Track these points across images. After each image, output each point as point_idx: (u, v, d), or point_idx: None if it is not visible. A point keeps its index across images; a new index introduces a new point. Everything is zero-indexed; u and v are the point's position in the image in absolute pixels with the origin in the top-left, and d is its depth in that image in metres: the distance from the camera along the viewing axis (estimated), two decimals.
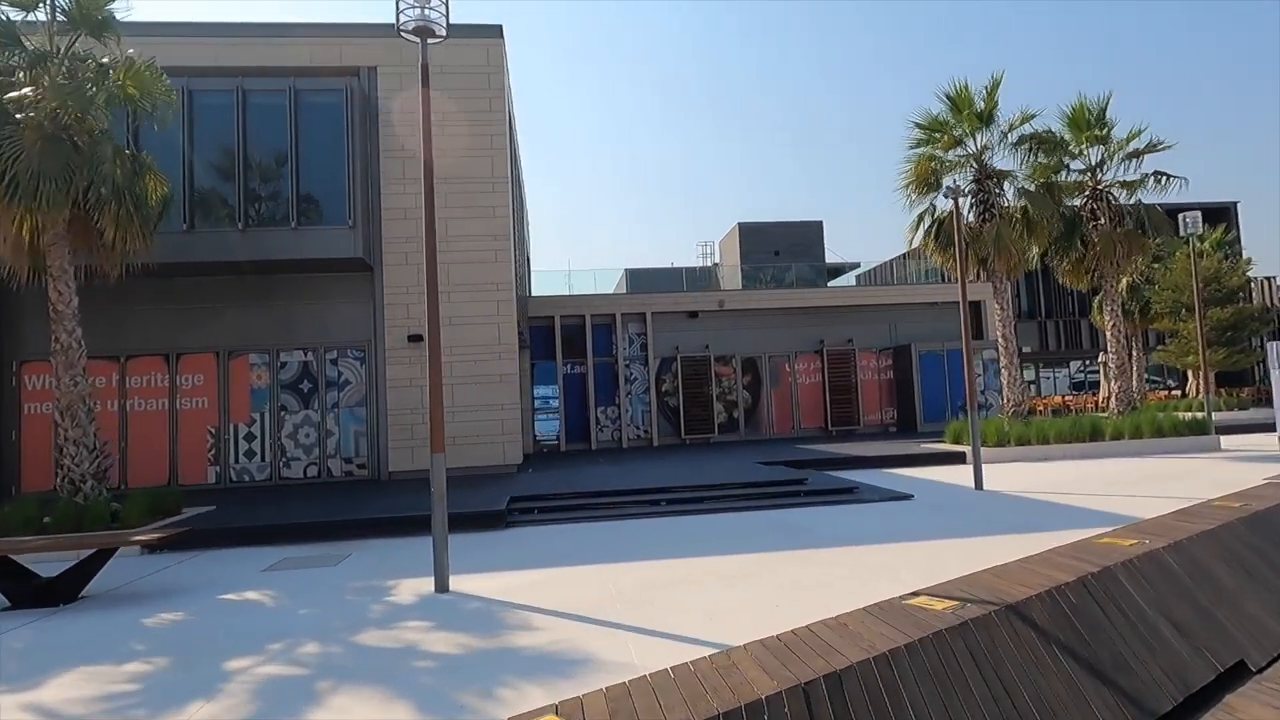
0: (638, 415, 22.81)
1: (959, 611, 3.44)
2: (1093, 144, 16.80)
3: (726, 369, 23.19)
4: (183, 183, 12.96)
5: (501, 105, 14.78)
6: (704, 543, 7.96)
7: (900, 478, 12.93)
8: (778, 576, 6.29)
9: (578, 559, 7.47)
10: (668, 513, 10.03)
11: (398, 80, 14.46)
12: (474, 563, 7.48)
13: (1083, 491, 10.32)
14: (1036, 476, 12.26)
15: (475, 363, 14.26)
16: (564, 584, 6.43)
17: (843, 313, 23.62)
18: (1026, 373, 40.67)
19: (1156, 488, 10.40)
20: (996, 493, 10.61)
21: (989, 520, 8.58)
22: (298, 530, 9.28)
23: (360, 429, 14.43)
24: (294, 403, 14.39)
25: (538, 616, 5.42)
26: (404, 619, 5.54)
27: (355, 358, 14.53)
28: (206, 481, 14.06)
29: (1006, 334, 16.49)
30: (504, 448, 14.25)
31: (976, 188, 16.69)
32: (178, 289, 14.18)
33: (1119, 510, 8.63)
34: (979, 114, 16.20)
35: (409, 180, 14.36)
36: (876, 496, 10.41)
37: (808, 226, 32.22)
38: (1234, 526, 5.21)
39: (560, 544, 8.37)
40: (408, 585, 6.57)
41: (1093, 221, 17.19)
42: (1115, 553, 4.46)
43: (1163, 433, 15.42)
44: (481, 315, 14.35)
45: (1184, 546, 4.66)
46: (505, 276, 14.53)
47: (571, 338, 22.59)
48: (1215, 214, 39.22)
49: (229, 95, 13.26)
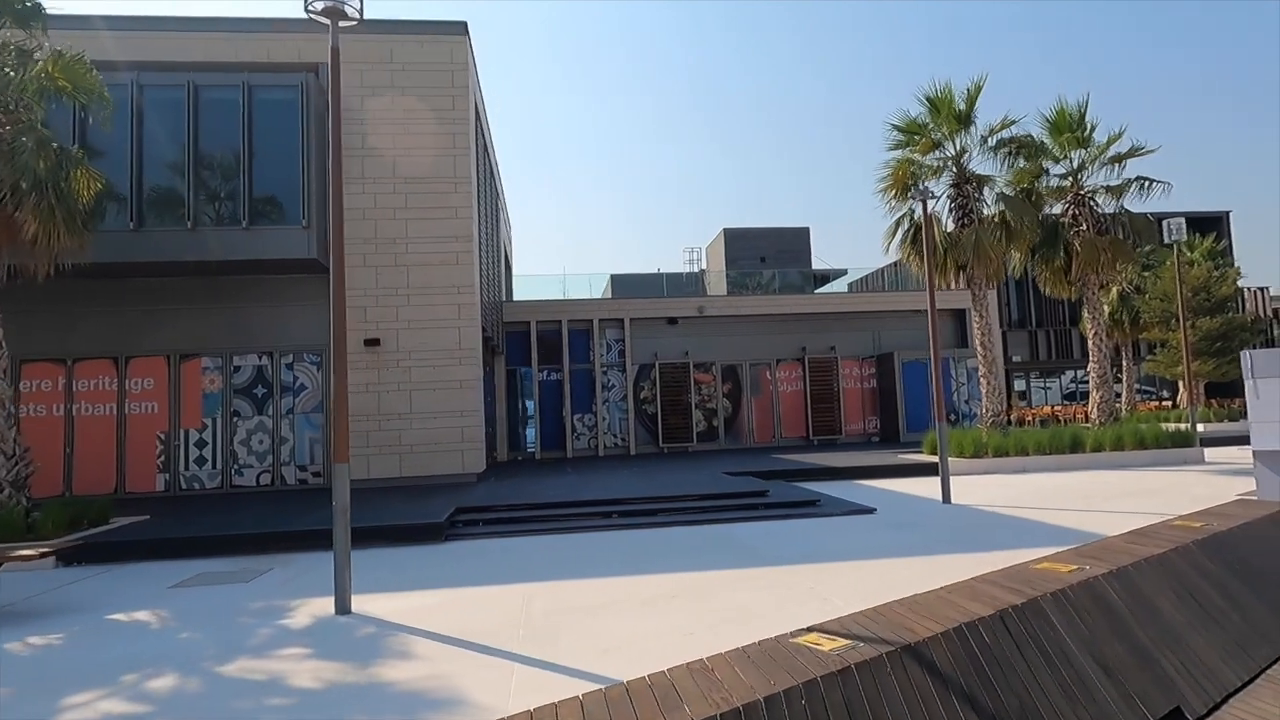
0: (615, 423, 22.34)
1: (847, 653, 2.99)
2: (1074, 147, 16.41)
3: (706, 376, 22.74)
4: (130, 180, 12.54)
5: (466, 104, 14.38)
6: (642, 560, 7.51)
7: (870, 490, 12.48)
8: (705, 600, 5.83)
9: (504, 577, 7.01)
10: (618, 526, 9.57)
11: (358, 77, 14.06)
12: (395, 580, 7.02)
13: (1052, 506, 9.87)
14: (1009, 489, 11.82)
15: (434, 368, 13.82)
16: (476, 606, 5.97)
17: (825, 320, 23.20)
18: (1018, 383, 40.28)
19: (1129, 503, 9.95)
20: (964, 506, 10.15)
21: (947, 537, 8.12)
22: (225, 543, 8.80)
23: (316, 436, 13.97)
24: (247, 408, 13.93)
25: (428, 644, 4.96)
26: (284, 646, 5.08)
27: (312, 362, 14.08)
28: (155, 489, 13.59)
29: (986, 342, 16.05)
30: (463, 456, 13.79)
31: (955, 192, 16.30)
32: (127, 290, 13.75)
33: (1084, 527, 8.18)
34: (958, 116, 15.82)
35: (368, 180, 13.95)
36: (838, 510, 9.96)
37: (795, 233, 31.84)
38: (1188, 551, 4.76)
39: (494, 559, 7.91)
40: (311, 606, 6.11)
41: (1075, 228, 16.79)
42: (1048, 580, 4.00)
43: (1145, 444, 14.99)
44: (442, 319, 13.91)
45: (1127, 574, 4.21)
46: (468, 279, 14.09)
47: (548, 344, 22.14)
48: (1207, 223, 38.90)
49: (180, 90, 12.84)
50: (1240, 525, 5.40)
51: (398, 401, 13.71)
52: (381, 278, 13.87)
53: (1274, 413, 7.80)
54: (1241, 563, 4.93)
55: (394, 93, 14.13)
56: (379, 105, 14.08)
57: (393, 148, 14.05)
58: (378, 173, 14.00)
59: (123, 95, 12.51)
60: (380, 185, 14.00)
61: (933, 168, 16.40)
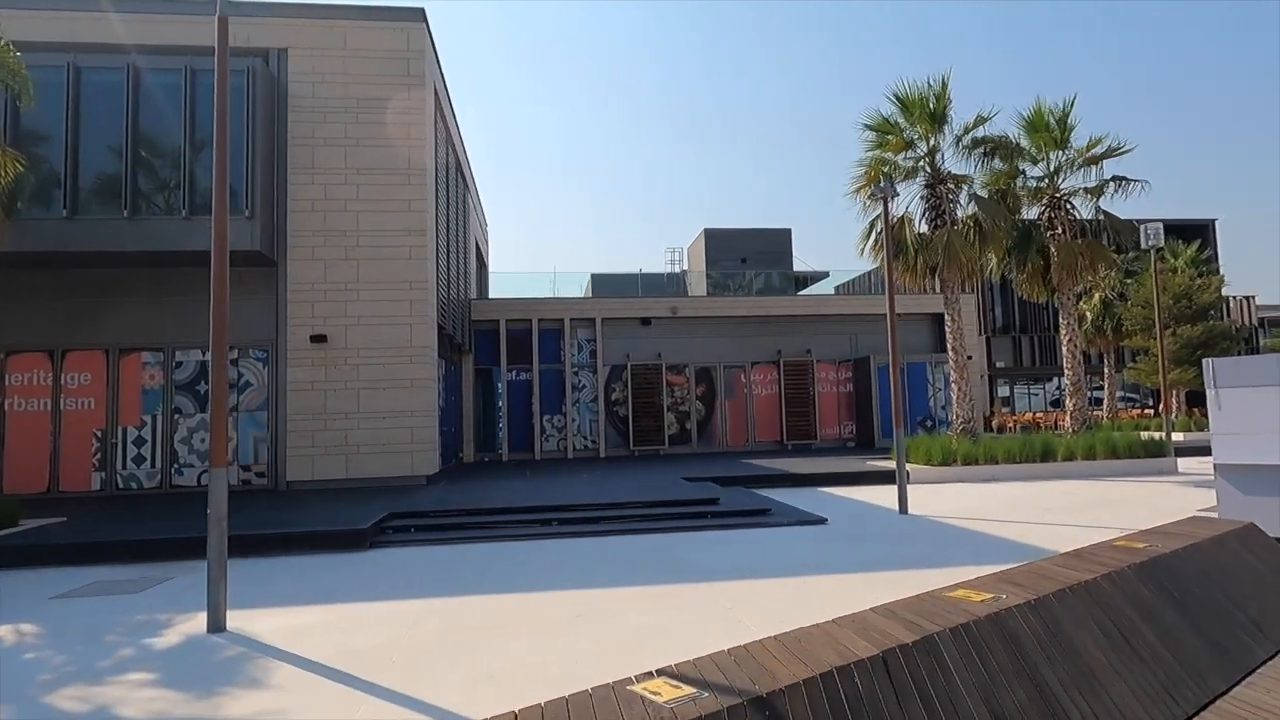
0: (585, 425, 21.88)
1: (683, 707, 2.54)
2: (1051, 148, 16.03)
3: (679, 378, 22.30)
4: (65, 166, 12.02)
5: (422, 94, 13.89)
6: (566, 573, 7.06)
7: (831, 498, 12.07)
8: (611, 621, 5.38)
9: (412, 591, 6.54)
10: (556, 534, 9.11)
11: (309, 64, 13.57)
12: (294, 592, 6.54)
13: (1010, 519, 9.46)
14: (972, 499, 11.41)
15: (384, 366, 13.33)
16: (365, 624, 5.50)
17: (802, 322, 22.79)
18: (1002, 389, 40.01)
19: (1089, 515, 9.55)
20: (920, 518, 9.73)
21: (894, 551, 7.69)
22: (135, 548, 8.30)
23: (261, 435, 13.45)
24: (189, 405, 13.41)
25: (289, 671, 4.49)
26: (134, 669, 4.61)
27: (257, 358, 13.57)
28: (90, 489, 13.05)
29: (958, 346, 15.64)
30: (413, 458, 13.29)
31: (929, 193, 15.90)
32: (64, 281, 13.23)
33: (1036, 542, 7.77)
34: (930, 115, 15.42)
35: (319, 170, 13.46)
36: (788, 520, 9.52)
37: (776, 234, 31.43)
38: (1123, 577, 4.33)
39: (411, 571, 7.43)
40: (191, 622, 5.62)
41: (1051, 231, 16.41)
42: (955, 612, 3.56)
43: (1117, 453, 14.62)
44: (392, 315, 13.42)
45: (1048, 604, 3.77)
46: (421, 275, 13.60)
47: (518, 343, 21.67)
48: (1192, 231, 38.72)
49: (119, 73, 12.33)
50: (1185, 548, 4.97)
51: (345, 400, 13.22)
52: (331, 271, 13.37)
53: (1236, 424, 7.40)
54: (1182, 591, 4.50)
55: (347, 80, 13.64)
56: (331, 93, 13.59)
57: (344, 137, 13.56)
58: (328, 163, 13.50)
59: (57, 78, 12.03)
60: (331, 176, 13.50)
61: (906, 168, 16.00)
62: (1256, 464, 7.26)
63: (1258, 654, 4.26)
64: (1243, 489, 7.34)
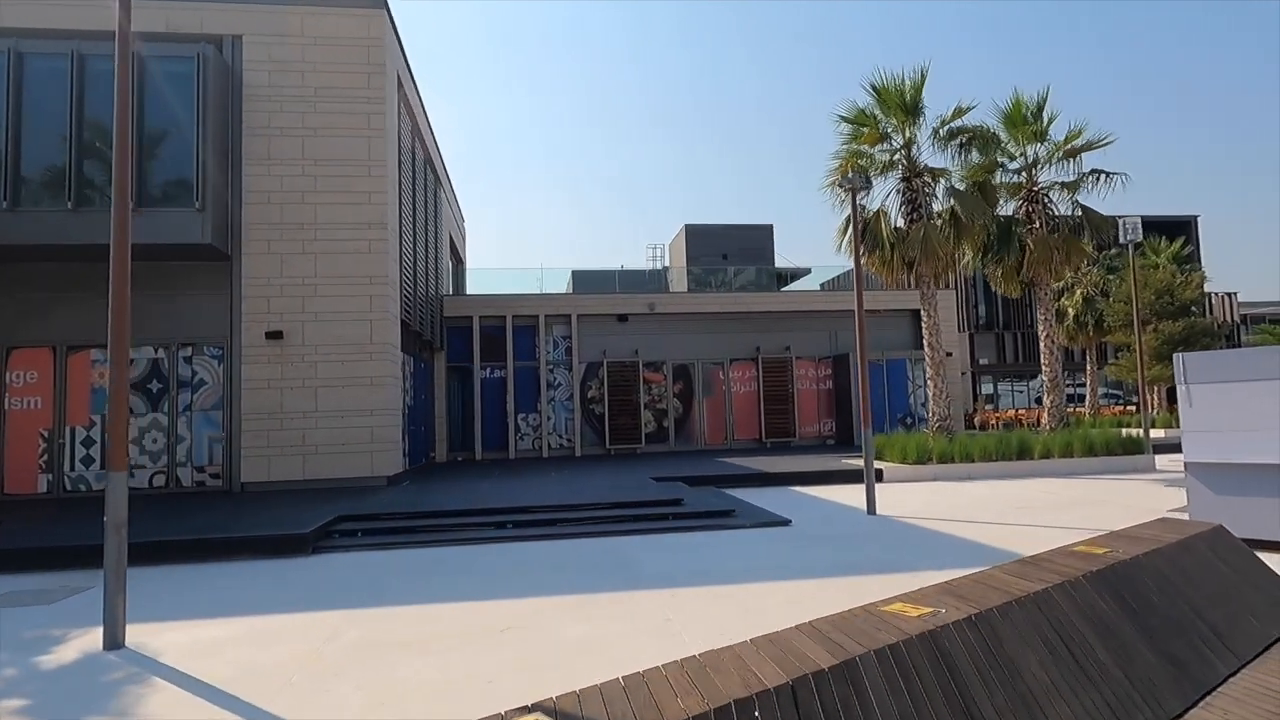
0: (561, 424, 21.52)
1: None
2: (1030, 142, 15.78)
3: (657, 376, 21.97)
4: (4, 155, 11.55)
5: (382, 82, 13.47)
6: (509, 580, 6.71)
7: (801, 497, 11.78)
8: (541, 634, 5.03)
9: (339, 600, 6.16)
10: (509, 538, 8.75)
11: (265, 51, 13.13)
12: (214, 603, 6.16)
13: (981, 519, 9.17)
14: (945, 498, 11.13)
15: (343, 364, 12.92)
16: (277, 638, 5.13)
17: (781, 319, 22.49)
18: (986, 385, 39.90)
19: (1062, 515, 9.28)
20: (888, 519, 9.43)
21: (855, 555, 7.38)
22: (61, 555, 7.91)
23: (216, 435, 13.02)
24: (141, 404, 12.95)
25: (175, 694, 4.12)
26: (8, 695, 4.22)
27: (212, 356, 13.13)
28: (37, 491, 12.59)
29: (935, 343, 15.38)
30: (373, 458, 12.89)
31: (905, 187, 15.62)
32: (8, 275, 12.74)
33: (1003, 544, 7.48)
34: (906, 106, 15.13)
35: (275, 161, 13.02)
36: (751, 522, 9.20)
37: (757, 230, 31.12)
38: (1078, 586, 4.02)
39: (346, 578, 7.06)
40: (87, 638, 5.23)
41: (1029, 225, 16.16)
42: (887, 629, 3.24)
43: (1094, 451, 14.39)
44: (352, 311, 13.01)
45: (990, 620, 3.46)
46: (382, 270, 13.19)
47: (492, 340, 21.27)
48: (1174, 228, 38.72)
49: (63, 60, 11.86)
50: (1148, 553, 4.67)
51: (302, 399, 12.80)
52: (288, 266, 12.94)
53: (1208, 421, 7.13)
54: (1141, 601, 4.19)
55: (304, 68, 13.21)
56: (287, 81, 13.15)
57: (302, 127, 13.12)
58: (285, 154, 13.07)
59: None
60: (288, 167, 13.06)
61: (882, 161, 15.72)
62: (1228, 462, 6.99)
63: (1219, 670, 3.95)
64: (1214, 488, 7.06)
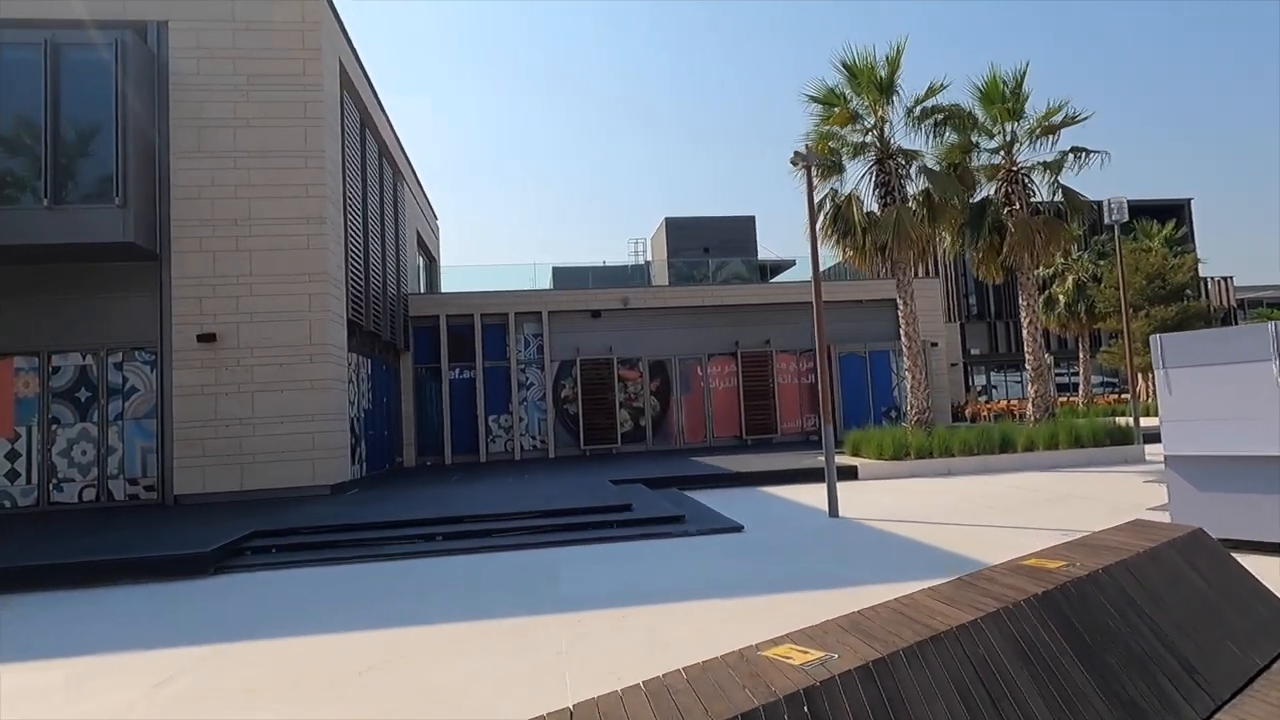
0: (533, 425, 20.79)
1: None
2: (1007, 120, 15.04)
3: (632, 373, 21.24)
4: None
5: (319, 69, 12.74)
6: (410, 603, 6.01)
7: (767, 498, 11.09)
8: (414, 673, 4.33)
9: (208, 633, 5.45)
10: (435, 551, 8.04)
11: (194, 38, 12.40)
12: (63, 639, 5.44)
13: (951, 520, 8.46)
14: (918, 497, 10.42)
15: (280, 366, 12.19)
16: (104, 685, 4.41)
17: (760, 312, 21.74)
18: (979, 376, 39.19)
19: (1039, 514, 8.56)
20: (849, 522, 8.72)
21: (800, 567, 6.66)
22: None
23: (149, 445, 12.29)
24: (69, 414, 12.23)
25: None
26: None
27: (144, 361, 12.40)
28: None
29: (912, 332, 14.66)
30: (314, 466, 12.17)
31: (878, 168, 14.89)
32: None
33: (967, 550, 6.76)
34: (879, 84, 14.40)
35: (205, 154, 12.29)
36: (700, 529, 8.48)
37: (739, 222, 30.38)
38: (1017, 614, 3.32)
39: (234, 605, 6.34)
40: None
41: (1009, 207, 15.42)
42: (757, 686, 2.53)
43: (1081, 442, 13.69)
44: (289, 310, 12.29)
45: (893, 666, 2.75)
46: (320, 266, 12.46)
47: (460, 339, 20.54)
48: (1167, 211, 37.99)
49: None
50: (1110, 567, 3.95)
51: (238, 405, 12.07)
52: (220, 264, 12.22)
53: (1190, 409, 6.41)
54: (1096, 629, 3.46)
55: (235, 55, 12.47)
56: (218, 69, 12.41)
57: (234, 117, 12.39)
58: (216, 145, 12.34)
59: None
60: (219, 160, 12.33)
61: (855, 144, 14.99)
62: (1214, 455, 6.27)
63: (1189, 715, 3.24)
64: (1198, 484, 6.35)
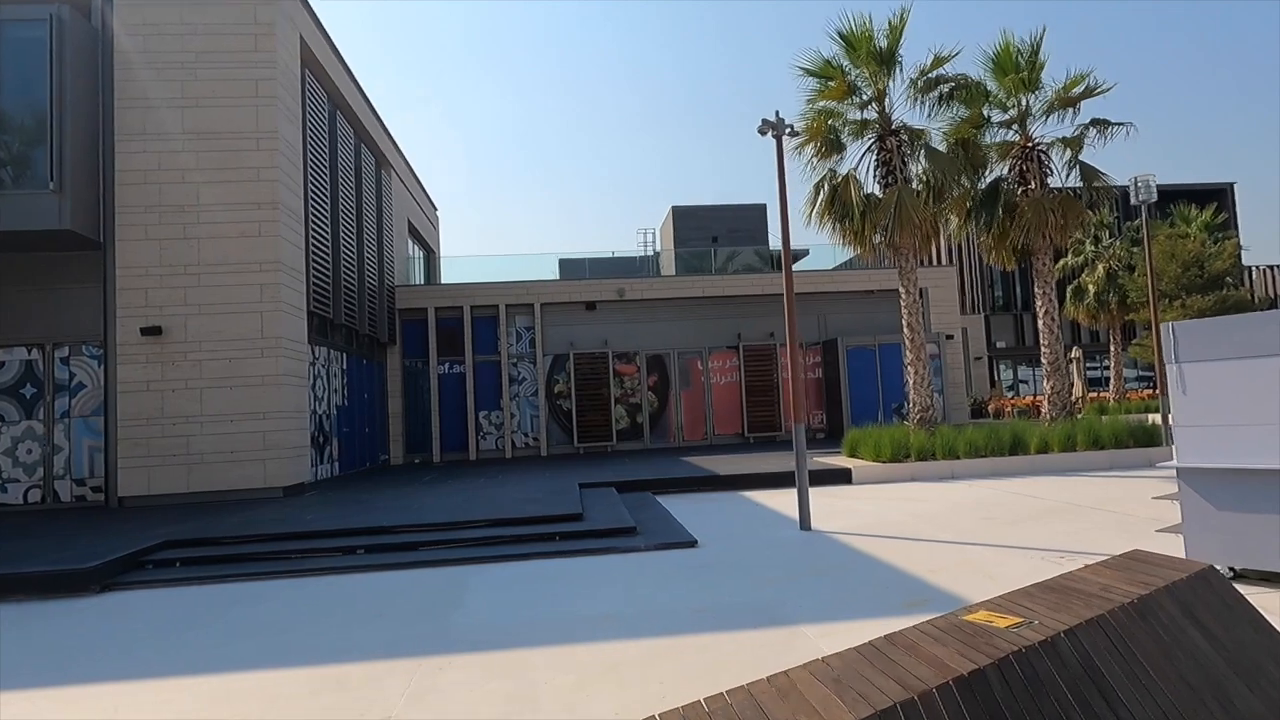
0: (526, 421, 20.00)
1: None
2: (1021, 91, 13.78)
3: (629, 368, 20.32)
4: None
5: (272, 44, 11.98)
6: (284, 636, 5.21)
7: (743, 505, 10.15)
8: None
9: (31, 677, 4.67)
10: (351, 567, 7.21)
11: (138, 14, 11.71)
12: None
13: (938, 535, 7.42)
14: (909, 506, 9.37)
15: (230, 361, 11.50)
16: None
17: (763, 303, 20.65)
18: (1005, 371, 37.60)
19: (1037, 530, 7.48)
20: (822, 535, 7.72)
21: (742, 597, 5.70)
22: None
23: (96, 443, 11.69)
24: (13, 411, 11.67)
25: None
26: None
27: (91, 356, 11.80)
28: None
29: (914, 324, 13.53)
30: (265, 467, 11.46)
31: (879, 147, 13.75)
32: None
33: (942, 580, 5.74)
34: (880, 55, 13.25)
35: (151, 136, 11.60)
36: (650, 544, 7.55)
37: (749, 210, 29.22)
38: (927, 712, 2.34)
39: (96, 633, 5.58)
40: None
41: (1024, 187, 14.17)
42: None
43: (1100, 443, 12.48)
44: (240, 302, 11.58)
45: None
46: (273, 254, 11.73)
47: (449, 333, 19.80)
48: (1207, 196, 35.97)
49: None
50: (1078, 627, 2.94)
51: (186, 402, 11.40)
52: (167, 253, 11.54)
53: (1207, 413, 5.31)
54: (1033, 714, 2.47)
55: (183, 31, 11.76)
56: (165, 47, 11.72)
57: (181, 97, 11.69)
58: (163, 127, 11.65)
59: None
60: (167, 142, 11.65)
61: (854, 121, 13.86)
62: (1236, 468, 5.17)
63: None
64: (1216, 502, 5.25)
